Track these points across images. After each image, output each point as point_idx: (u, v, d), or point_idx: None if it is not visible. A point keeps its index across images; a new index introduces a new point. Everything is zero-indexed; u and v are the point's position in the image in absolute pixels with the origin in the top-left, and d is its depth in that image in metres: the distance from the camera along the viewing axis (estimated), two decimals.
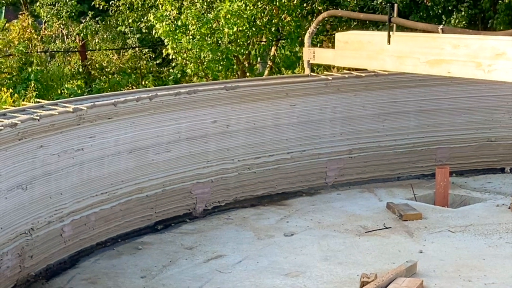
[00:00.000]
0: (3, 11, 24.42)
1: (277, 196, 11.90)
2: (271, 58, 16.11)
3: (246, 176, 11.55)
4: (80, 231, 9.47)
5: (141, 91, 10.51)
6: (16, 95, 13.05)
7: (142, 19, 16.93)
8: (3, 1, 20.52)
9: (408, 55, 10.25)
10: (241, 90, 11.18)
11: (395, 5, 10.75)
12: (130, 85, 15.68)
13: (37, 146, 8.58)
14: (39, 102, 9.14)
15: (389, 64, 10.58)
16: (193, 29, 13.62)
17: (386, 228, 10.37)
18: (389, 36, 10.42)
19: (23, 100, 13.15)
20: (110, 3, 17.24)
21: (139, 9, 16.23)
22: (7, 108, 8.97)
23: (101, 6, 17.32)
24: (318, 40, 15.69)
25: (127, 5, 15.99)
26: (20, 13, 17.82)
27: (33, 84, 13.65)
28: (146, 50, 16.73)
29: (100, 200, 9.75)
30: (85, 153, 9.38)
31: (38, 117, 8.43)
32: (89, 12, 16.94)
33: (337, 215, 11.04)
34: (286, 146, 11.83)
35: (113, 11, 17.45)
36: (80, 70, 16.88)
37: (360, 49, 10.94)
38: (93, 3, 17.35)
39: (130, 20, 17.12)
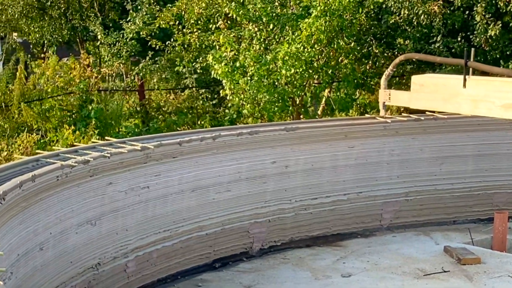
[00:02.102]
0: (55, 49, 24.95)
1: (332, 237, 11.96)
2: (326, 99, 16.24)
3: (303, 217, 11.64)
4: (142, 267, 9.64)
5: (204, 131, 10.72)
6: (77, 132, 13.35)
7: (197, 60, 17.17)
8: (60, 40, 21.00)
9: (483, 98, 10.34)
10: (301, 132, 11.31)
11: (472, 49, 10.85)
12: (186, 125, 15.92)
13: (106, 183, 8.80)
14: (108, 140, 9.36)
15: (464, 108, 10.67)
16: (251, 70, 13.81)
17: (445, 271, 10.35)
18: (464, 79, 10.54)
19: (83, 138, 13.42)
20: (166, 43, 17.53)
21: (195, 49, 16.46)
22: (78, 145, 9.21)
23: (157, 46, 17.62)
24: (373, 82, 15.77)
25: (185, 46, 16.24)
26: (82, 52, 18.24)
27: (93, 122, 13.96)
28: (203, 90, 16.98)
29: (163, 237, 9.93)
30: (150, 191, 9.58)
31: (108, 155, 8.64)
32: (149, 52, 17.28)
33: (394, 257, 11.05)
34: (343, 187, 11.90)
35: (168, 51, 17.75)
36: (138, 109, 17.20)
37: (436, 92, 11.05)
38: (149, 43, 17.65)
39: (185, 61, 17.36)
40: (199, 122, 16.04)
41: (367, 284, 9.95)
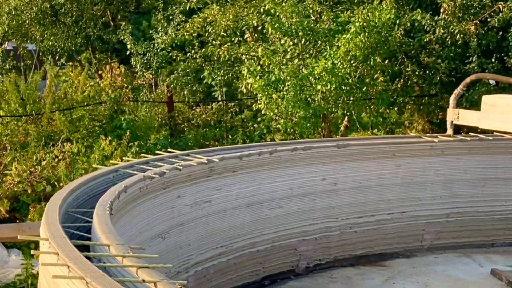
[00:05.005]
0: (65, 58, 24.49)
1: (374, 257, 11.77)
2: (355, 117, 16.07)
3: (348, 235, 11.45)
4: (200, 283, 9.41)
5: (261, 145, 10.53)
6: (114, 143, 13.07)
7: (218, 72, 16.93)
8: (73, 48, 20.66)
9: None
10: (352, 149, 11.15)
11: None
12: (213, 139, 15.67)
13: (176, 196, 8.59)
14: (171, 151, 9.14)
15: None
16: (287, 85, 13.61)
17: None
18: None
19: (115, 149, 13.15)
20: (187, 55, 17.29)
21: (222, 61, 16.23)
22: (147, 157, 8.98)
23: (177, 58, 17.39)
24: (400, 100, 15.66)
25: (212, 58, 16.01)
26: (112, 61, 17.98)
27: (128, 133, 13.66)
28: (231, 104, 16.76)
29: (219, 252, 9.71)
30: (211, 205, 9.37)
31: (180, 167, 8.43)
32: (181, 63, 17.06)
33: (442, 279, 10.88)
34: (387, 206, 11.73)
35: (189, 63, 17.53)
36: (166, 121, 16.96)
37: (508, 112, 10.96)
38: (170, 54, 17.40)
39: (205, 73, 17.12)
40: (229, 136, 15.81)
41: None
